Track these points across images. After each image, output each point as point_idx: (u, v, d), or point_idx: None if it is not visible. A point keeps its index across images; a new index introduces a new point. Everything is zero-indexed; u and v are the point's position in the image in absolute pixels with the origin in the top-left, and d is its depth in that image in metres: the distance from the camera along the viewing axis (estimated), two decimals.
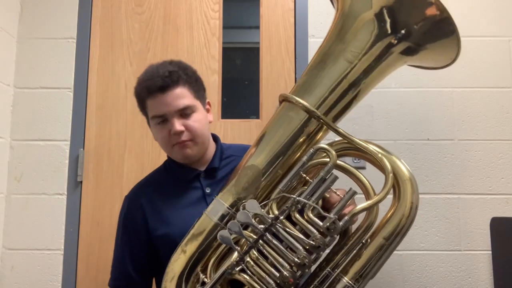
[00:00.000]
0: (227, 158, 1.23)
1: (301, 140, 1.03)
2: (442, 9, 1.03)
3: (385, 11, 1.06)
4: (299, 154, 1.04)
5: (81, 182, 1.64)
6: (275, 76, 1.69)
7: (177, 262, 1.01)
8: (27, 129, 1.66)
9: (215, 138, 1.27)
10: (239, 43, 1.93)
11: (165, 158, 1.65)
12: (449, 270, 1.55)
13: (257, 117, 1.71)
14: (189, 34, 1.74)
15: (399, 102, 1.64)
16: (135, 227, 1.19)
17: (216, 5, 1.75)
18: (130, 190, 1.26)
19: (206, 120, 1.20)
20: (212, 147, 1.24)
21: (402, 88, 1.64)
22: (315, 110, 1.01)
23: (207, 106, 1.24)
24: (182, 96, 1.13)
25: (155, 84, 1.13)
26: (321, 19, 1.70)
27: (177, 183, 1.21)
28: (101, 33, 1.74)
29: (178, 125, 1.12)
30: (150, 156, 1.66)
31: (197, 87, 1.19)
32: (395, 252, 1.50)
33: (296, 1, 1.73)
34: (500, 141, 1.60)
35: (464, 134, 1.61)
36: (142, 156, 1.66)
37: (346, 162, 1.05)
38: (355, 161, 1.45)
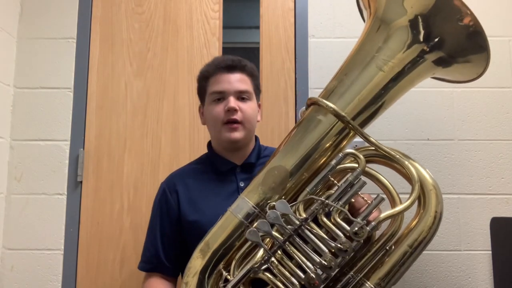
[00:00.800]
0: (263, 158, 1.27)
1: (328, 144, 1.04)
2: (476, 23, 1.04)
3: (419, 19, 1.06)
4: (325, 158, 1.05)
5: (81, 182, 1.64)
6: (275, 76, 1.69)
7: (200, 258, 1.01)
8: (27, 129, 1.66)
9: (255, 137, 1.31)
10: (239, 43, 1.93)
11: (165, 158, 1.67)
12: (449, 270, 1.55)
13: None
14: (189, 34, 1.74)
15: (399, 102, 1.63)
16: (168, 210, 1.23)
17: (216, 5, 1.75)
18: (167, 177, 1.31)
19: (257, 114, 1.27)
20: (251, 145, 1.28)
21: None
22: (345, 115, 1.02)
23: (258, 108, 1.30)
24: (244, 81, 1.22)
25: (225, 62, 1.22)
26: (321, 19, 1.70)
27: (213, 174, 1.25)
28: (101, 33, 1.74)
29: (234, 102, 1.18)
30: (150, 156, 1.66)
31: (257, 83, 1.28)
32: None
33: (296, 1, 1.73)
34: (500, 141, 1.60)
35: (464, 134, 1.61)
36: (142, 156, 1.66)
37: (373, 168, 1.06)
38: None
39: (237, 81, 1.20)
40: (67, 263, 1.59)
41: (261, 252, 0.97)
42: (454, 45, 1.08)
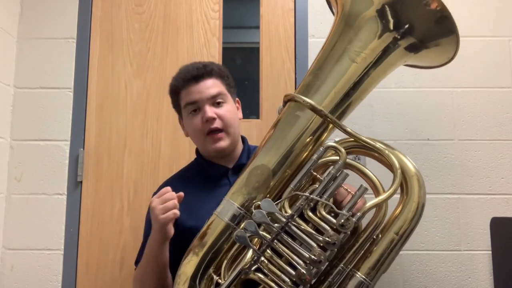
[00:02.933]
0: None
1: (308, 139, 1.05)
2: (443, 7, 1.05)
3: (387, 8, 1.07)
4: (306, 153, 1.05)
5: (81, 182, 1.64)
6: (275, 76, 1.69)
7: (189, 264, 1.01)
8: (27, 129, 1.66)
9: (242, 138, 1.31)
10: (239, 43, 1.93)
11: (165, 158, 1.67)
12: (449, 270, 1.55)
13: (257, 117, 1.70)
14: (189, 34, 1.74)
15: (399, 102, 1.64)
16: None
17: (216, 5, 1.75)
18: (161, 184, 1.29)
19: (237, 114, 1.25)
20: (240, 146, 1.28)
21: (402, 88, 1.64)
22: (322, 109, 1.03)
23: (237, 104, 1.29)
24: (214, 85, 1.20)
25: (190, 74, 1.20)
26: (321, 19, 1.70)
27: (206, 179, 1.24)
28: (101, 33, 1.74)
29: (210, 111, 1.17)
30: (150, 156, 1.66)
31: (229, 82, 1.26)
32: None
33: (296, 1, 1.73)
34: (500, 141, 1.60)
35: (464, 134, 1.61)
36: (142, 156, 1.66)
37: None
38: (357, 159, 1.45)
39: (207, 88, 1.19)
40: (67, 263, 1.59)
41: (250, 252, 0.97)
42: (424, 30, 1.09)
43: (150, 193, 1.62)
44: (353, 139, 1.05)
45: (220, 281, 0.99)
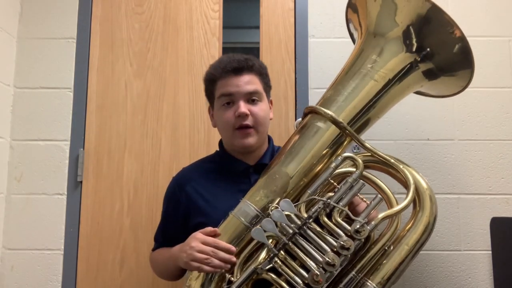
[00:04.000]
0: None
1: (325, 150, 1.09)
2: (465, 39, 1.10)
3: (411, 30, 1.12)
4: (321, 165, 1.09)
5: (81, 182, 1.64)
6: (275, 76, 1.69)
7: None
8: (27, 129, 1.66)
9: (268, 138, 1.30)
10: (239, 43, 1.93)
11: (165, 158, 1.67)
12: (449, 270, 1.55)
13: None
14: (189, 34, 1.74)
15: (399, 102, 1.64)
16: (175, 210, 1.24)
17: (216, 5, 1.75)
18: (179, 172, 1.30)
19: (269, 114, 1.24)
20: (265, 146, 1.27)
21: None
22: (342, 121, 1.07)
23: (270, 104, 1.27)
24: (253, 82, 1.19)
25: (231, 65, 1.18)
26: (321, 19, 1.70)
27: (226, 174, 1.23)
28: (101, 33, 1.74)
29: (244, 107, 1.15)
30: (150, 156, 1.66)
31: (267, 81, 1.25)
32: None
33: (296, 1, 1.73)
34: (500, 141, 1.60)
35: (464, 134, 1.61)
36: (142, 156, 1.66)
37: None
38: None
39: (246, 83, 1.17)
40: (67, 263, 1.59)
41: (264, 253, 0.99)
42: (444, 57, 1.15)
43: (150, 193, 1.63)
44: (370, 154, 1.09)
45: (232, 279, 1.00)
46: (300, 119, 1.17)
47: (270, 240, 0.99)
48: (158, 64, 1.72)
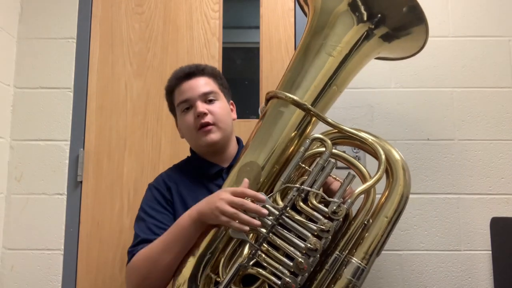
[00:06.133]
0: None
1: (293, 133, 1.08)
2: None
3: (358, 1, 1.12)
4: (292, 148, 1.08)
5: (81, 182, 1.64)
6: (275, 76, 1.69)
7: (187, 266, 1.02)
8: (27, 129, 1.66)
9: (238, 140, 1.32)
10: (239, 43, 1.93)
11: (165, 158, 1.66)
12: (449, 270, 1.55)
13: (257, 117, 1.70)
14: (189, 34, 1.74)
15: (399, 102, 1.64)
16: (164, 198, 1.20)
17: (216, 5, 1.75)
18: (156, 178, 1.28)
19: (229, 113, 1.26)
20: (235, 147, 1.28)
21: (402, 88, 1.64)
22: (305, 103, 1.06)
23: (231, 106, 1.30)
24: (207, 83, 1.22)
25: (183, 71, 1.23)
26: None
27: (200, 177, 1.23)
28: (101, 33, 1.74)
29: (201, 107, 1.18)
30: (150, 156, 1.66)
31: (222, 82, 1.27)
32: (395, 252, 1.52)
33: (296, 1, 1.73)
34: (500, 141, 1.60)
35: (464, 134, 1.61)
36: (142, 156, 1.66)
37: (343, 151, 1.10)
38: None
39: (199, 85, 1.21)
40: (67, 263, 1.59)
41: (247, 248, 0.99)
42: (395, 19, 1.14)
43: None
44: (337, 130, 1.08)
45: (218, 279, 1.00)
46: (264, 104, 1.15)
47: (251, 235, 0.99)
48: (158, 64, 1.72)
